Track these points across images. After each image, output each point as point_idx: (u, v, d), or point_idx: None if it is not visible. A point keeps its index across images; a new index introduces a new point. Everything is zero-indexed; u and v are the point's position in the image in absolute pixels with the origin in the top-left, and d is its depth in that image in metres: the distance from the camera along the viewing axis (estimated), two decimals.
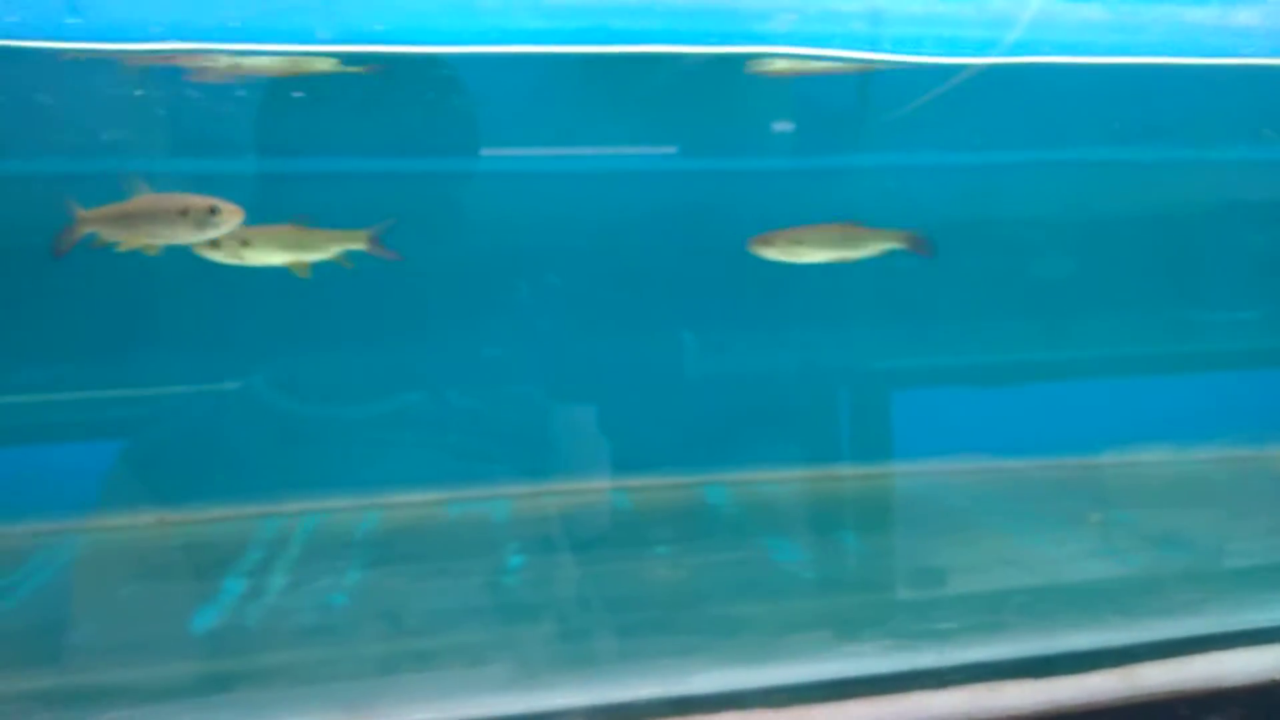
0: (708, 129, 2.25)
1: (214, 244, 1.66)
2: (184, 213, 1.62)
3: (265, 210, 1.89)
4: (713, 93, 2.18)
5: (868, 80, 2.22)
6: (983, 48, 2.09)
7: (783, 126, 2.27)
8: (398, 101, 2.09)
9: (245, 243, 1.69)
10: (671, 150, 2.27)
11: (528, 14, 1.92)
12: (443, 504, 2.12)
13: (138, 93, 1.92)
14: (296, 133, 2.09)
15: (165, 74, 1.89)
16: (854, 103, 2.26)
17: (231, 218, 1.61)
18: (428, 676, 1.22)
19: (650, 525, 1.94)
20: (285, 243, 1.75)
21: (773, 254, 1.95)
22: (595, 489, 2.15)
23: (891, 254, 2.35)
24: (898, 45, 2.05)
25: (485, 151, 2.18)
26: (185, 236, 1.67)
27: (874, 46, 2.03)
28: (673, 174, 2.27)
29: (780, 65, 2.07)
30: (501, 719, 1.09)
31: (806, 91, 2.22)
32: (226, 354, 2.14)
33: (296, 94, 1.97)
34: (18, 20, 1.60)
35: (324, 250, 1.80)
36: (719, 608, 1.46)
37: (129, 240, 1.67)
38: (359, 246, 1.82)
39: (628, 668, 1.22)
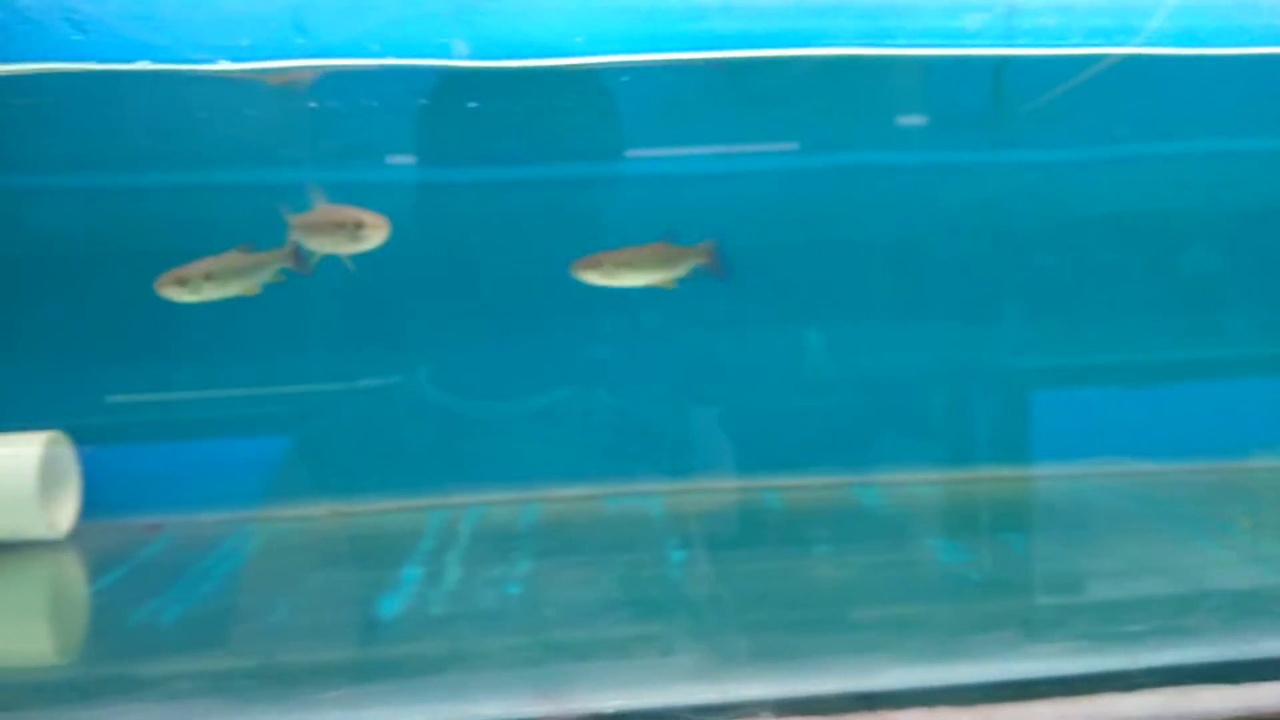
0: (839, 124, 2.24)
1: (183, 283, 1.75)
2: (341, 226, 1.72)
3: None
4: (846, 87, 2.18)
5: (1003, 71, 2.19)
6: (1120, 36, 2.05)
7: (917, 120, 2.26)
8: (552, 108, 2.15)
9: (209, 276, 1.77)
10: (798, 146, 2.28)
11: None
12: (599, 499, 2.17)
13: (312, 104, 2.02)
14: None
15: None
16: (990, 96, 2.23)
17: (375, 232, 1.69)
18: (618, 664, 1.26)
19: (806, 524, 1.95)
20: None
21: (596, 278, 1.92)
22: (744, 487, 2.18)
23: (1038, 251, 2.32)
24: (1034, 37, 2.03)
25: (629, 154, 2.23)
26: (342, 247, 1.77)
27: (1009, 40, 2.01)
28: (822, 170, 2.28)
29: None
30: (694, 708, 1.12)
31: (940, 86, 2.20)
32: (391, 351, 2.24)
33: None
34: (249, 43, 1.71)
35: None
36: (893, 607, 1.47)
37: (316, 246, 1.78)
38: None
39: (811, 663, 1.24)
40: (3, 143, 2.05)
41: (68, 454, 2.04)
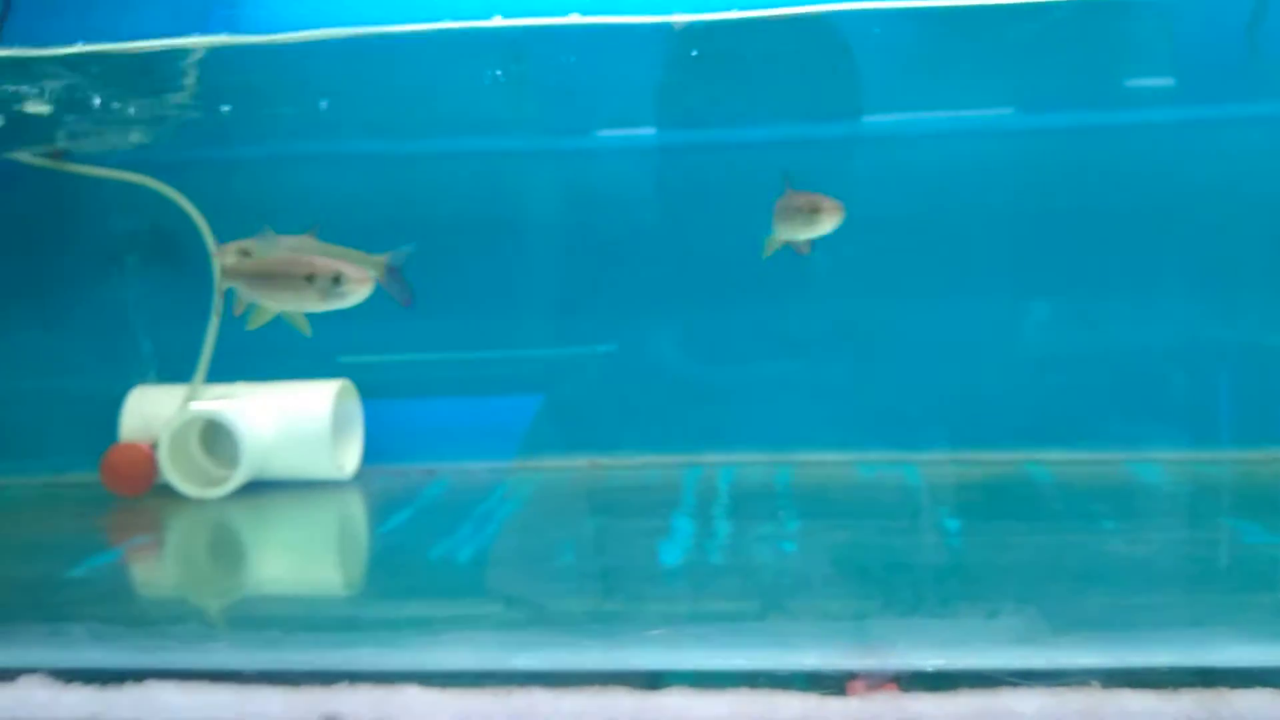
0: (1067, 82, 2.12)
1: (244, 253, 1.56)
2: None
3: None
4: (1079, 42, 2.05)
5: (1260, 19, 2.01)
6: None
7: (1161, 77, 2.11)
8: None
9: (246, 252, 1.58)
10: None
11: None
12: (850, 465, 2.15)
13: None
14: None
15: None
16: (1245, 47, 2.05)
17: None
18: (937, 624, 1.25)
19: (1084, 499, 1.87)
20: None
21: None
22: (1005, 460, 2.11)
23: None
24: None
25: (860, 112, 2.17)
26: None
27: None
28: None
29: None
30: (1017, 673, 1.10)
31: (1189, 36, 2.04)
32: (643, 315, 2.28)
33: None
34: None
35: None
36: (1212, 585, 1.39)
37: None
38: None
39: (1138, 635, 1.19)
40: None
41: (354, 401, 2.18)
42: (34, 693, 1.21)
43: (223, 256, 1.53)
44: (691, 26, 1.91)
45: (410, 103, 2.15)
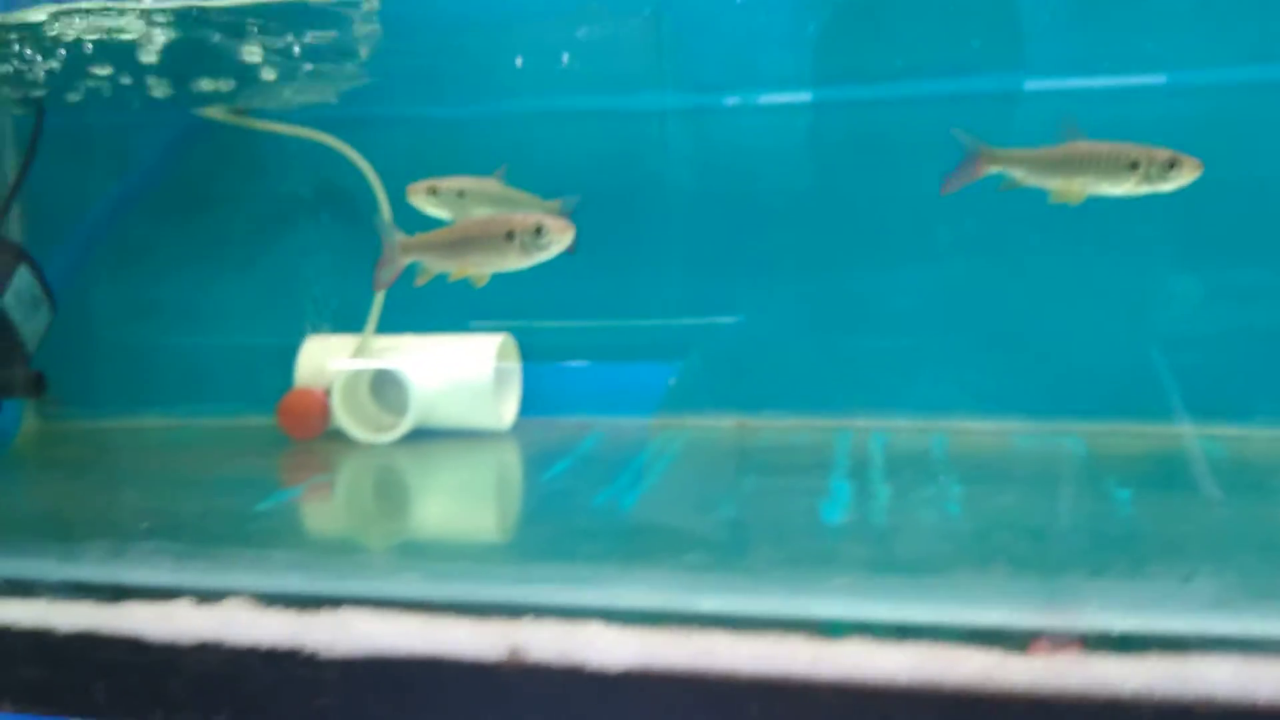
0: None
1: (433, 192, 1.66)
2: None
3: None
4: None
5: None
6: None
7: None
8: None
9: (461, 193, 1.68)
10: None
11: None
12: (1007, 434, 2.10)
13: None
14: None
15: None
16: None
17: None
18: (1126, 585, 1.22)
19: (1262, 473, 1.80)
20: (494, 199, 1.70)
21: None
22: (1175, 434, 2.04)
23: None
24: None
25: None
26: None
27: None
28: None
29: None
30: (1210, 639, 1.07)
31: None
32: (788, 279, 2.26)
33: None
34: None
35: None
36: None
37: None
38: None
39: None
40: None
41: (514, 355, 2.24)
42: (237, 614, 1.29)
43: (413, 196, 1.58)
44: None
45: (560, 63, 2.17)
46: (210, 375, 2.32)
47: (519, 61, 2.15)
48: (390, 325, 2.19)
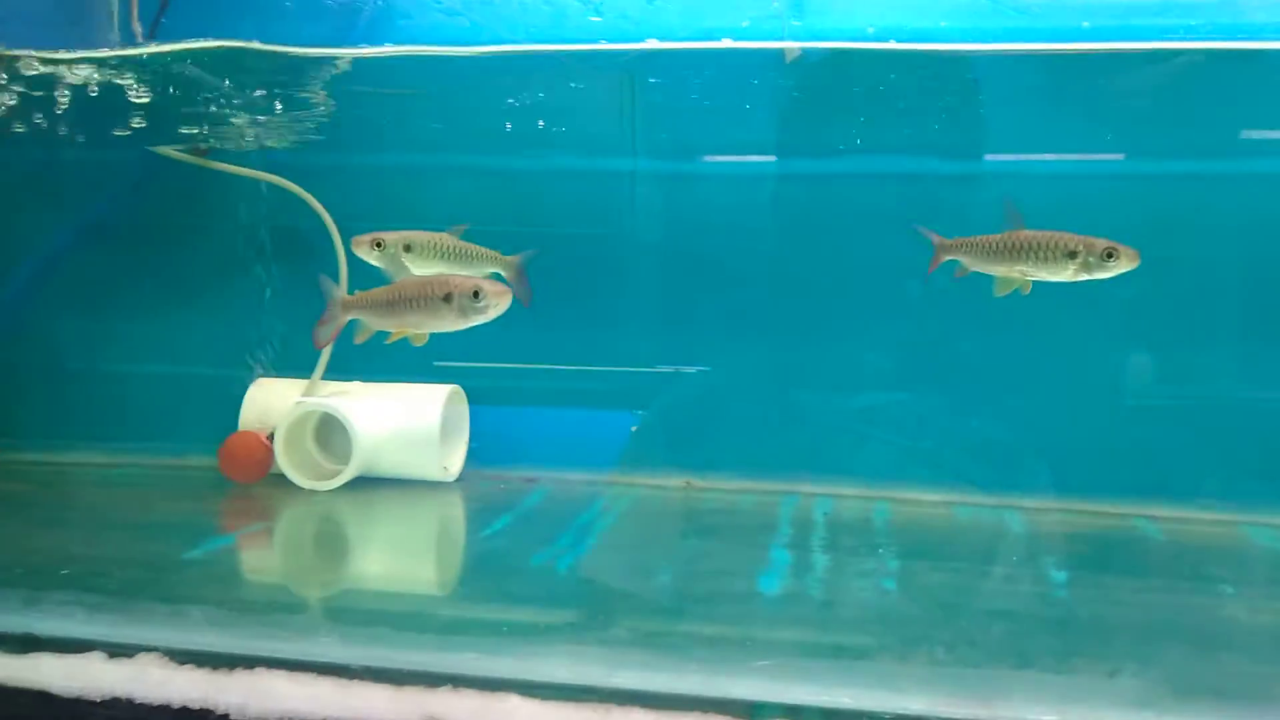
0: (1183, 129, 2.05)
1: (378, 245, 1.66)
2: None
3: None
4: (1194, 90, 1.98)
5: None
6: None
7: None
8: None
9: (407, 248, 1.68)
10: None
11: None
12: (947, 505, 2.11)
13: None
14: None
15: None
16: None
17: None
18: (1052, 680, 1.22)
19: (1198, 560, 1.81)
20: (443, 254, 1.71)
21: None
22: (1114, 513, 2.05)
23: None
24: None
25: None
26: None
27: None
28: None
29: None
30: None
31: None
32: (738, 338, 2.27)
33: None
34: (749, 24, 1.80)
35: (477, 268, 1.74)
36: None
37: None
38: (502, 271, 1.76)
39: (1268, 707, 1.14)
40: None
41: (462, 406, 2.22)
42: (150, 670, 1.26)
43: (357, 248, 1.57)
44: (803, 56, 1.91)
45: (525, 121, 2.18)
46: (153, 413, 2.28)
47: (508, 126, 2.16)
48: (348, 367, 2.18)
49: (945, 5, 1.97)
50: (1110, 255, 1.55)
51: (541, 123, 2.16)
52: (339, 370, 2.18)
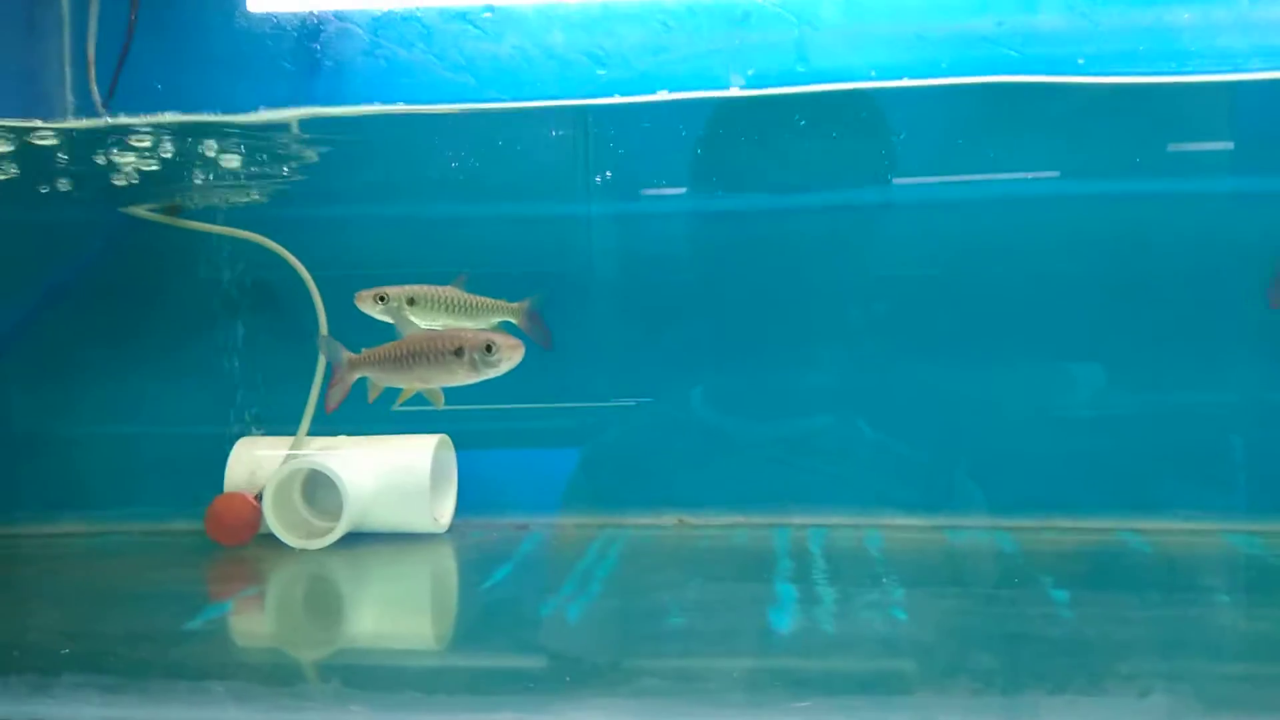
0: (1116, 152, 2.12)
1: (381, 300, 1.65)
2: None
3: None
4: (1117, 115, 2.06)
5: None
6: None
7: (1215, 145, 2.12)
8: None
9: (411, 301, 1.68)
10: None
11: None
12: (938, 530, 2.14)
13: None
14: None
15: None
16: None
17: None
18: (1091, 701, 1.23)
19: (1189, 571, 1.85)
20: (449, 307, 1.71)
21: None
22: (1100, 528, 2.09)
23: None
24: None
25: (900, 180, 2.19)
26: None
27: None
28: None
29: None
30: None
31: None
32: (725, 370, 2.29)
33: None
34: (754, 72, 1.83)
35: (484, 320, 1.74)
36: None
37: None
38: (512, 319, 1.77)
39: None
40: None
41: (450, 456, 2.20)
42: None
43: (360, 303, 1.56)
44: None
45: (482, 171, 2.19)
46: (134, 477, 2.23)
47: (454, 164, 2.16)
48: (328, 419, 2.14)
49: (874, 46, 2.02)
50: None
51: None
52: (316, 423, 2.15)
